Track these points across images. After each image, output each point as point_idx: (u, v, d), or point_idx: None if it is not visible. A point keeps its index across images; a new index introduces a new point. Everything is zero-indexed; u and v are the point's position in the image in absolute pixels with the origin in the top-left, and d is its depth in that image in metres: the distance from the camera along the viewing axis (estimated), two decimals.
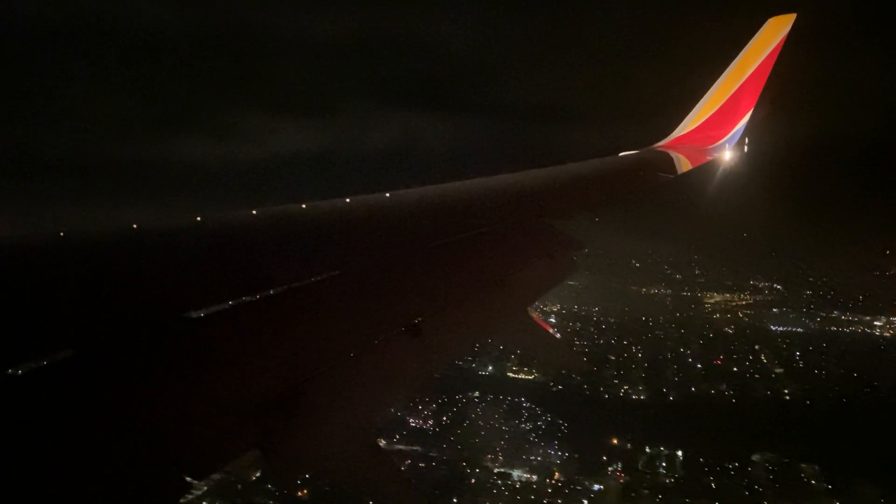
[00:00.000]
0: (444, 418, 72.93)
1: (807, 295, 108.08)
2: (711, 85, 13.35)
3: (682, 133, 13.37)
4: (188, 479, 2.42)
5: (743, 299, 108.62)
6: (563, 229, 6.46)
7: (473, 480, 60.06)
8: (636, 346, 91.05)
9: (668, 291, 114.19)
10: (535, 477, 59.42)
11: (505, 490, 58.59)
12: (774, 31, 12.67)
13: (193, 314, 3.08)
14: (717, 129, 13.14)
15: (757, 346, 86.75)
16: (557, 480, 58.51)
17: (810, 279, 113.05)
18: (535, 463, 61.53)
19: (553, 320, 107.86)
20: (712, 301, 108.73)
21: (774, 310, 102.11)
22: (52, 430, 2.31)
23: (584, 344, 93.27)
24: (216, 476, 2.61)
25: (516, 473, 60.38)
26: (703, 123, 13.26)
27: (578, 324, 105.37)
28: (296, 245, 4.43)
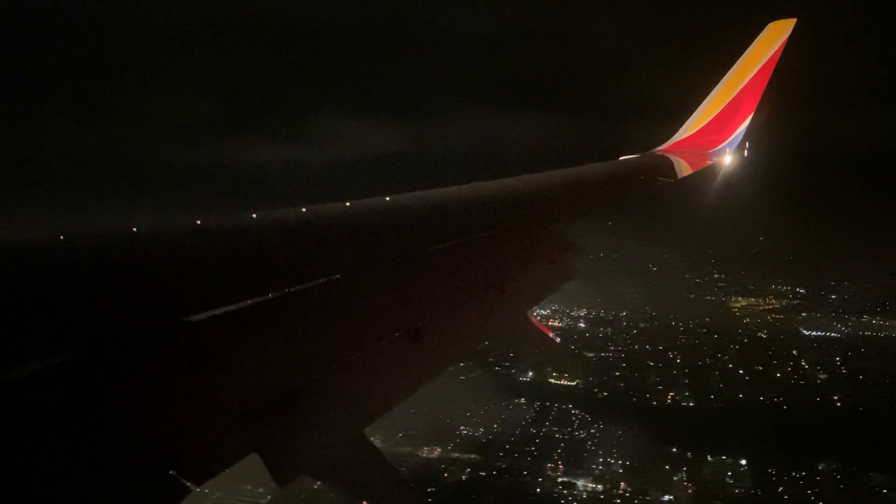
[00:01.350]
0: (495, 426, 72.35)
1: (832, 299, 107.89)
2: (712, 89, 13.22)
3: (682, 137, 13.23)
4: (188, 482, 2.42)
5: (769, 303, 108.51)
6: (563, 233, 6.35)
7: (539, 490, 59.48)
8: (673, 352, 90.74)
9: (692, 296, 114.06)
10: (600, 486, 58.89)
11: (573, 500, 58.03)
12: (775, 36, 12.52)
13: (194, 318, 3.03)
14: (717, 134, 12.98)
15: (795, 352, 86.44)
16: (625, 490, 58.04)
17: (831, 283, 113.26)
18: (597, 472, 60.96)
19: (582, 325, 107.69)
20: (738, 305, 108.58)
21: (803, 314, 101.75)
22: (53, 434, 2.29)
23: (619, 349, 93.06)
24: (215, 479, 2.61)
25: (581, 483, 59.84)
26: (703, 128, 13.12)
27: (609, 329, 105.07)
28: (297, 249, 4.33)
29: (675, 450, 62.97)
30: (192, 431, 2.64)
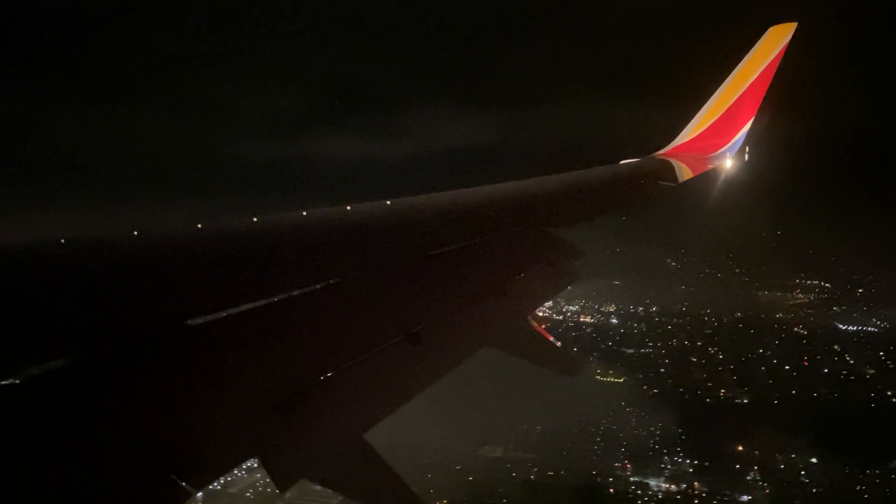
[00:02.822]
0: (553, 424, 71.20)
1: (860, 293, 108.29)
2: (712, 93, 13.10)
3: (683, 141, 13.06)
4: (189, 486, 2.39)
5: (797, 298, 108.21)
6: (564, 237, 6.28)
7: (612, 490, 58.50)
8: (712, 348, 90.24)
9: (717, 291, 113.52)
10: (674, 486, 58.03)
11: (649, 500, 57.10)
12: (775, 40, 12.42)
13: (194, 322, 2.99)
14: (718, 138, 12.84)
15: (836, 347, 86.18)
16: (700, 490, 57.23)
17: (855, 277, 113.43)
18: (668, 472, 60.12)
19: (614, 321, 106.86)
20: (766, 300, 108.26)
21: (835, 308, 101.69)
22: (54, 438, 2.27)
23: (658, 345, 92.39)
24: (215, 484, 2.61)
25: (653, 483, 58.95)
26: (704, 132, 12.95)
27: (643, 325, 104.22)
28: (297, 253, 4.27)
29: (740, 448, 62.30)
30: (193, 435, 2.61)
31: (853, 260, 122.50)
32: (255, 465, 2.80)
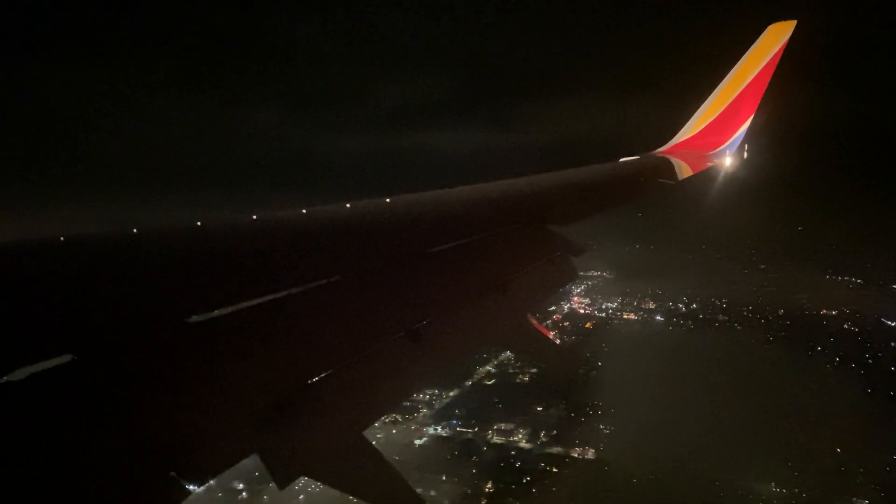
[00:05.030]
0: (628, 421, 70.10)
1: (895, 288, 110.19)
2: (712, 91, 13.05)
3: (682, 139, 13.06)
4: (188, 484, 2.39)
5: (835, 294, 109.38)
6: (563, 235, 6.25)
7: (727, 491, 57.82)
8: (769, 346, 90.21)
9: (751, 287, 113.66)
10: (785, 490, 57.67)
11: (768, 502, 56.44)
12: (775, 38, 12.38)
13: (193, 319, 2.98)
14: (717, 135, 12.81)
15: (893, 343, 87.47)
16: (811, 493, 56.85)
17: (884, 272, 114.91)
18: (779, 475, 59.60)
19: (659, 318, 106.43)
20: (804, 295, 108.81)
21: (875, 303, 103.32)
22: (53, 436, 2.26)
23: (718, 344, 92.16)
24: (215, 481, 2.60)
25: (769, 486, 58.43)
26: (703, 129, 12.94)
27: (689, 322, 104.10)
28: (296, 250, 4.25)
29: (839, 450, 62.16)
30: (193, 433, 2.60)
31: (877, 256, 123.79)
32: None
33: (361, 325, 3.69)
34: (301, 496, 50.88)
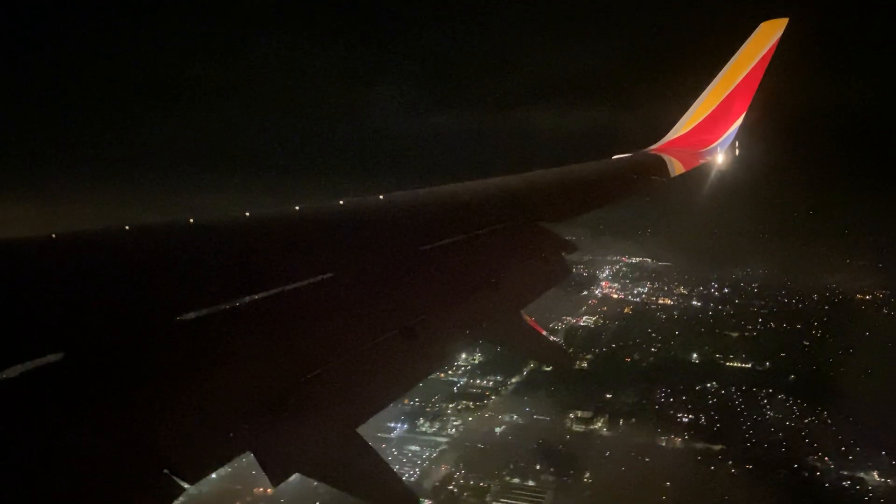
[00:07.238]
0: (712, 413, 69.58)
1: None
2: (704, 89, 13.07)
3: (674, 136, 13.06)
4: (182, 481, 2.38)
5: (861, 279, 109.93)
6: (556, 232, 6.29)
7: (826, 485, 57.70)
8: (817, 331, 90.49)
9: (775, 271, 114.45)
10: (890, 481, 57.84)
11: (866, 495, 56.42)
12: (766, 36, 12.40)
13: (186, 317, 2.96)
14: (709, 133, 12.86)
15: None
16: None
17: None
18: (875, 465, 59.72)
19: (696, 303, 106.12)
20: (833, 282, 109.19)
21: None
22: (45, 434, 2.25)
23: (762, 330, 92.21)
24: (209, 478, 2.57)
25: (869, 477, 58.54)
26: (695, 127, 12.95)
27: (729, 307, 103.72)
28: (289, 248, 4.20)
29: None
30: (186, 430, 2.58)
31: (894, 242, 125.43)
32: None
33: (355, 323, 3.71)
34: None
